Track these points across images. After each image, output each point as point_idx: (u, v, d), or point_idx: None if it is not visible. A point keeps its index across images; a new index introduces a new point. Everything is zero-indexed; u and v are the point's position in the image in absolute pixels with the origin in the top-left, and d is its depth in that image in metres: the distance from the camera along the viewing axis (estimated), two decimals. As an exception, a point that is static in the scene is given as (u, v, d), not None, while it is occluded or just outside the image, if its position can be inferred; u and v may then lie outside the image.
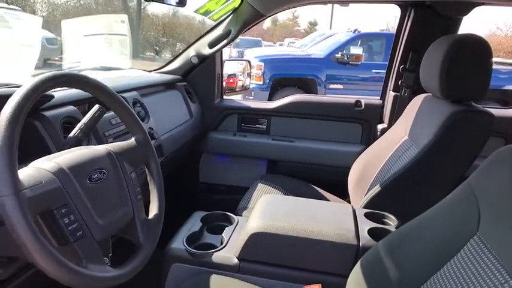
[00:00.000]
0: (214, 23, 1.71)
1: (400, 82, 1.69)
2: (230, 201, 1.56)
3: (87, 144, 0.82)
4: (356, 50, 5.76)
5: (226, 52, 13.03)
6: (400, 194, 1.22)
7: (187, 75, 1.81)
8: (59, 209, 0.59)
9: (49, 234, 0.58)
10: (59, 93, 0.96)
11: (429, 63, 1.22)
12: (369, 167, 1.45)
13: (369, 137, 1.80)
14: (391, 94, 1.74)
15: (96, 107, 0.86)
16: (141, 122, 0.84)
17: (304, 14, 41.75)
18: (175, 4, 1.20)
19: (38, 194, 0.56)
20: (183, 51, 1.79)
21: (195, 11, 1.55)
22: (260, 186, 1.59)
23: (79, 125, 0.83)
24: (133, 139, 0.83)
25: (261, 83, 5.55)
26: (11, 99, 0.57)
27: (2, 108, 0.58)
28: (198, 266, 1.01)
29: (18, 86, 0.87)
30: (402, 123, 1.45)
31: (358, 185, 1.46)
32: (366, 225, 1.05)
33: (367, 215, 1.11)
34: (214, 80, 1.83)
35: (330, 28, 20.39)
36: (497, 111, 1.22)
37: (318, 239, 0.96)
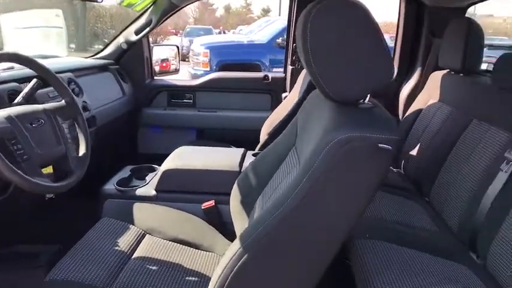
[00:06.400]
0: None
1: (294, 58, 2.10)
2: None
3: None
4: (294, 35, 6.15)
5: (177, 41, 12.96)
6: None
7: (119, 60, 2.10)
8: (9, 140, 0.91)
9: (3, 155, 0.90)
10: (6, 73, 1.24)
11: None
12: (272, 124, 1.84)
13: (277, 104, 2.19)
14: (289, 68, 2.14)
15: (34, 80, 1.16)
16: (68, 88, 1.16)
17: (257, 0, 41.77)
18: None
19: None
20: (114, 38, 2.07)
21: (119, 4, 1.84)
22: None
23: (22, 93, 1.13)
24: (63, 101, 1.14)
25: (208, 69, 5.79)
26: None
27: None
28: (125, 199, 1.35)
29: None
30: (296, 89, 1.85)
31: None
32: (250, 160, 1.43)
33: (253, 155, 1.50)
34: (143, 62, 2.14)
35: (279, 14, 20.77)
36: None
37: (211, 169, 1.33)
